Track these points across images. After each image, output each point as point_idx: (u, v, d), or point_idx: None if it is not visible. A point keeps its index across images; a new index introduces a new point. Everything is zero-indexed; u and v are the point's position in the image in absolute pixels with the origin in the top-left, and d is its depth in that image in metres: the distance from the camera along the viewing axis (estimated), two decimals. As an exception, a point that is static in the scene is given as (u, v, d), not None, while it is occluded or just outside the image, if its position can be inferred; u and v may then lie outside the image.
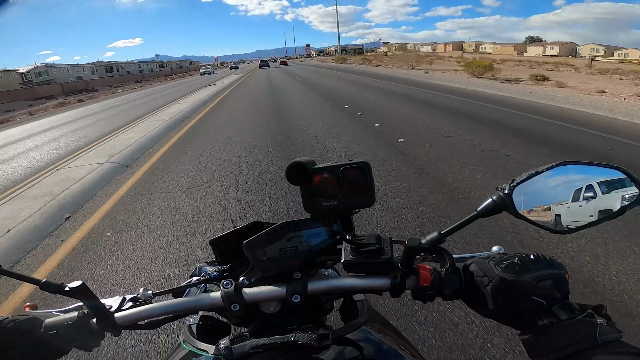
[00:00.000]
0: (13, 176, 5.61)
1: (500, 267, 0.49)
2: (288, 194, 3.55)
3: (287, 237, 0.53)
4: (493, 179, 3.65)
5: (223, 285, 0.53)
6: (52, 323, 0.51)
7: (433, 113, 7.84)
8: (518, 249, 2.25)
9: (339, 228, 0.55)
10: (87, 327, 0.52)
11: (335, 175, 0.53)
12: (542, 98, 9.42)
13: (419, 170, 4.10)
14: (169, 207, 3.58)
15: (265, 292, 0.53)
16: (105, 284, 2.38)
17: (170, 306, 0.54)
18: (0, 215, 3.74)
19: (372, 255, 0.53)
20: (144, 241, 2.91)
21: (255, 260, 0.53)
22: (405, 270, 0.52)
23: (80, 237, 3.10)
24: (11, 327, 0.50)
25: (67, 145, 7.79)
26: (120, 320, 0.53)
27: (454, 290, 0.51)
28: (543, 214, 0.51)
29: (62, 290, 0.51)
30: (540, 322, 0.44)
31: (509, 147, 4.80)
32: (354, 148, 5.24)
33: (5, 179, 5.55)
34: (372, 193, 0.54)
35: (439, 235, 0.50)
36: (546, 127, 6.08)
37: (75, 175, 4.91)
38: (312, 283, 0.54)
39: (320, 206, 0.54)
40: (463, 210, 2.97)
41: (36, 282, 0.52)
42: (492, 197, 0.50)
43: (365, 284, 0.54)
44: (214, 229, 2.94)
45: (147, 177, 4.71)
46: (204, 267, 0.64)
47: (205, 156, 5.43)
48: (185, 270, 2.41)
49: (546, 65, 29.89)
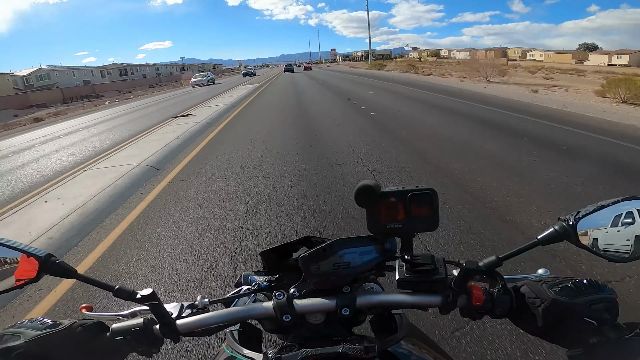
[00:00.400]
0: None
1: (553, 290, 0.51)
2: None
3: (341, 253, 0.56)
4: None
5: (275, 296, 0.56)
6: (120, 328, 0.54)
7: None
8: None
9: (391, 247, 0.57)
10: (152, 334, 0.54)
11: (402, 200, 0.55)
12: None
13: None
14: None
15: (316, 304, 0.56)
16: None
17: (226, 315, 0.57)
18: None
19: (426, 274, 0.56)
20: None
21: (309, 273, 0.56)
22: (458, 289, 0.55)
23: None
24: (80, 332, 0.52)
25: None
26: (181, 327, 0.56)
27: (504, 310, 0.54)
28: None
29: (134, 298, 0.54)
30: (590, 340, 0.48)
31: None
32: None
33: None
34: (437, 218, 0.55)
35: (496, 260, 0.54)
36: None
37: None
38: (361, 297, 0.57)
39: (385, 228, 0.56)
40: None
41: (110, 289, 0.55)
42: (554, 227, 0.53)
43: (415, 301, 0.57)
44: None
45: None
46: (252, 276, 0.67)
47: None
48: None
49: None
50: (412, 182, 4.11)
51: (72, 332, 0.52)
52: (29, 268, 0.53)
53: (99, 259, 3.00)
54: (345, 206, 3.49)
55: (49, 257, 0.54)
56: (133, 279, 2.62)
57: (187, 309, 0.60)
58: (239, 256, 2.78)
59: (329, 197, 3.80)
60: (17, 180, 5.99)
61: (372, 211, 0.56)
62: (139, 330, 0.54)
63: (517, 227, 2.94)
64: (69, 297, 2.46)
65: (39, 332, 0.51)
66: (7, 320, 2.34)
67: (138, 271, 2.71)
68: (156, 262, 2.80)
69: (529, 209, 3.24)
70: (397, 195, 0.55)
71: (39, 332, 0.51)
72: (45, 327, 0.52)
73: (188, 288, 2.42)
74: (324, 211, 3.47)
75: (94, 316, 0.58)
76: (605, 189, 3.66)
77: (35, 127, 16.27)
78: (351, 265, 0.56)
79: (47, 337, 0.51)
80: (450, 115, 8.83)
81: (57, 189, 4.89)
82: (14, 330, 0.52)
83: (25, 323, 0.54)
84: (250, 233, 3.14)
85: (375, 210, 0.55)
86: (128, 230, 3.47)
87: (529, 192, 3.62)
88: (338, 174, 4.54)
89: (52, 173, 6.07)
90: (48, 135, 11.68)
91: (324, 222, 3.25)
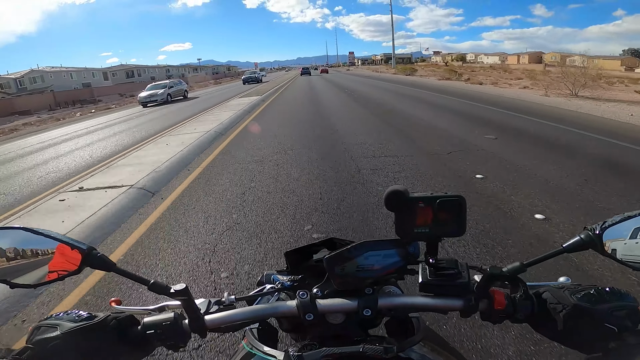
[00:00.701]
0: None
1: (575, 296, 0.53)
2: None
3: (365, 255, 0.57)
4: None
5: (299, 295, 0.58)
6: (151, 322, 0.56)
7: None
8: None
9: (414, 251, 0.59)
10: (181, 328, 0.56)
11: (430, 205, 0.56)
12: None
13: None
14: None
15: (338, 305, 0.58)
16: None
17: (252, 312, 0.59)
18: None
19: (449, 278, 0.58)
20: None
21: (333, 274, 0.57)
22: (480, 293, 0.57)
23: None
24: (114, 324, 0.54)
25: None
26: (209, 322, 0.58)
27: (525, 315, 0.55)
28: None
29: (168, 292, 0.56)
30: (609, 346, 0.49)
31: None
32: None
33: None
34: (464, 224, 0.56)
35: (520, 266, 0.55)
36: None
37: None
38: (383, 299, 0.59)
39: (412, 232, 0.57)
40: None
41: (145, 282, 0.56)
42: (580, 235, 0.55)
43: (436, 304, 0.58)
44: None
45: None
46: (275, 275, 0.71)
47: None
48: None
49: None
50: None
51: (107, 324, 0.54)
52: (69, 260, 0.54)
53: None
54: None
55: (91, 250, 0.56)
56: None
57: (215, 305, 0.62)
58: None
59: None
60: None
61: (400, 215, 0.57)
62: (169, 325, 0.55)
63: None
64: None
65: (75, 324, 0.53)
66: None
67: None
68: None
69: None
70: (425, 201, 0.56)
71: (75, 324, 0.53)
72: (81, 320, 0.54)
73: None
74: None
75: (124, 310, 0.60)
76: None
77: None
78: (374, 267, 0.57)
79: (83, 329, 0.53)
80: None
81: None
82: (51, 321, 0.54)
83: (62, 315, 0.55)
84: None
85: (404, 214, 0.57)
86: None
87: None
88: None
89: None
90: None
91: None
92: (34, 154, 9.40)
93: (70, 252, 0.54)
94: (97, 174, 5.73)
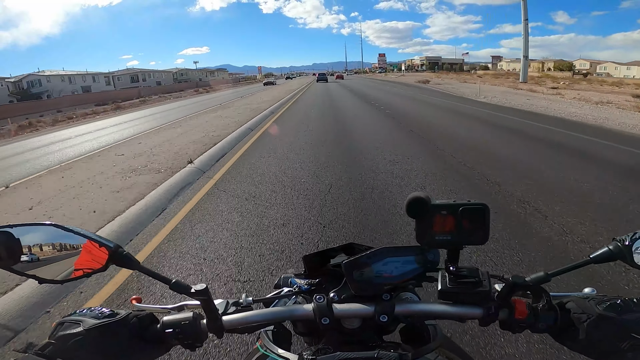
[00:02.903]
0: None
1: (601, 306, 0.53)
2: None
3: (384, 261, 0.59)
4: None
5: (316, 299, 0.60)
6: (170, 321, 0.58)
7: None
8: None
9: (434, 258, 0.60)
10: (199, 327, 0.59)
11: (453, 213, 0.56)
12: None
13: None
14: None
15: (355, 310, 0.60)
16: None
17: (268, 314, 0.61)
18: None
19: (470, 286, 0.58)
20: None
21: (352, 279, 0.59)
22: (501, 302, 0.58)
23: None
24: (135, 322, 0.57)
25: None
26: (225, 323, 0.60)
27: (547, 325, 0.56)
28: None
29: (188, 292, 0.58)
30: (638, 357, 0.49)
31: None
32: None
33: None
34: (486, 232, 0.57)
35: (545, 275, 0.56)
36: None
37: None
38: (400, 305, 0.60)
39: (433, 240, 0.58)
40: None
41: (167, 282, 0.59)
42: (608, 247, 0.56)
43: (455, 311, 0.59)
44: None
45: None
46: (293, 278, 0.72)
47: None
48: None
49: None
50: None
51: (128, 322, 0.56)
52: (96, 257, 0.57)
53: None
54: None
55: (117, 248, 0.58)
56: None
57: (232, 306, 0.64)
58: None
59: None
60: None
61: (422, 222, 0.58)
62: (188, 324, 0.58)
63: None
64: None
65: (98, 321, 0.55)
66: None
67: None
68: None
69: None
70: (448, 209, 0.57)
71: (98, 320, 0.55)
72: (103, 317, 0.56)
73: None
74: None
75: (145, 308, 0.64)
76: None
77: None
78: (393, 273, 0.59)
79: (105, 326, 0.55)
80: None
81: None
82: (74, 317, 0.56)
83: (85, 312, 0.58)
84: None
85: (426, 221, 0.57)
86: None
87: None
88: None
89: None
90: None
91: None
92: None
93: (97, 249, 0.57)
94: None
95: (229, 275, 2.75)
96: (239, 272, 2.78)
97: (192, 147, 7.76)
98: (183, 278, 2.76)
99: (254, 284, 2.61)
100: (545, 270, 0.57)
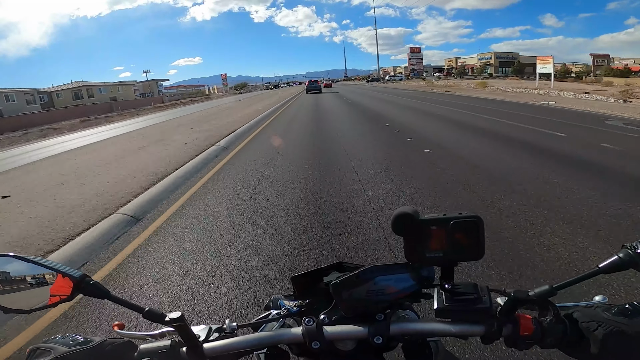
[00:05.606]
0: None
1: (609, 312, 0.53)
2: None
3: (375, 280, 0.59)
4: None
5: (305, 322, 0.60)
6: (147, 349, 0.58)
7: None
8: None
9: (429, 274, 0.60)
10: (178, 356, 0.58)
11: (443, 228, 0.56)
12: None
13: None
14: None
15: (347, 332, 0.59)
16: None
17: (254, 340, 0.61)
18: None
19: (468, 303, 0.58)
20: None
21: (341, 300, 0.59)
22: (504, 318, 0.57)
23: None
24: (109, 350, 0.56)
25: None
26: (207, 350, 0.59)
27: (556, 339, 0.55)
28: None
29: (163, 321, 0.59)
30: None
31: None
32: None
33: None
34: (482, 247, 0.56)
35: (550, 289, 0.55)
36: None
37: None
38: (395, 325, 0.59)
39: (424, 257, 0.57)
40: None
41: (140, 310, 0.59)
42: (618, 255, 0.54)
43: (454, 330, 0.58)
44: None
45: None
46: (282, 300, 0.73)
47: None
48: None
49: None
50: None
51: (102, 350, 0.56)
52: (61, 287, 0.58)
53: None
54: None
55: (83, 277, 0.59)
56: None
57: (215, 332, 0.64)
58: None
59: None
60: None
61: (410, 239, 0.57)
62: (165, 353, 0.57)
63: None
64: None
65: (69, 349, 0.55)
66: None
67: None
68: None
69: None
70: (438, 223, 0.56)
71: (69, 348, 0.55)
72: (76, 344, 0.56)
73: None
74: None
75: (124, 335, 0.67)
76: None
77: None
78: (385, 292, 0.59)
79: (76, 355, 0.54)
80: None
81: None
82: (46, 345, 0.57)
83: (58, 339, 0.58)
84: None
85: (414, 238, 0.57)
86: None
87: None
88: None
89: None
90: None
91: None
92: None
93: (61, 279, 0.58)
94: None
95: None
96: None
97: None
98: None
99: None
100: (550, 283, 0.56)
